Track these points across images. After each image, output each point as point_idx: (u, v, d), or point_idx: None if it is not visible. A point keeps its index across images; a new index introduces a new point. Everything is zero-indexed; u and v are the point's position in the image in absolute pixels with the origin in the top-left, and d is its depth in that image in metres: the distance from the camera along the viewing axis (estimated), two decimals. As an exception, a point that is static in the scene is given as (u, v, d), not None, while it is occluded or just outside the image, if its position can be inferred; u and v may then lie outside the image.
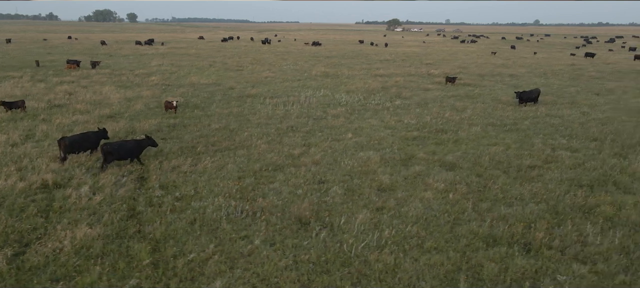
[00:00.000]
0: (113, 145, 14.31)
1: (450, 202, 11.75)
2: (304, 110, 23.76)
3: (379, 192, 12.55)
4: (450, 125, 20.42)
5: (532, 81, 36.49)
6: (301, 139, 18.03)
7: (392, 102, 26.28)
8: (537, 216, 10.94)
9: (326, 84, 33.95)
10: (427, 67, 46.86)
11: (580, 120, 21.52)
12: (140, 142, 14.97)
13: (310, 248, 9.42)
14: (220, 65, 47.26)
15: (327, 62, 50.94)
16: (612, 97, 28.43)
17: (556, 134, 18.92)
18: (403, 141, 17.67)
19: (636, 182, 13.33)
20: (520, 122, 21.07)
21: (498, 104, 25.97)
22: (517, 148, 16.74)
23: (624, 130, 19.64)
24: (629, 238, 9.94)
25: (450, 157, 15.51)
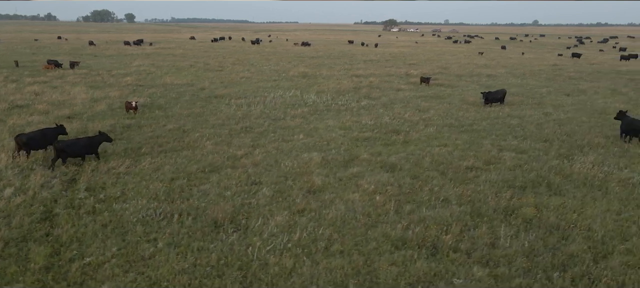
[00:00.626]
0: (65, 143, 14.44)
1: (375, 204, 11.65)
2: (266, 110, 23.66)
3: (307, 193, 12.44)
4: (406, 125, 20.31)
5: (508, 82, 36.40)
6: (251, 140, 17.93)
7: (359, 103, 26.18)
8: (456, 218, 10.83)
9: (300, 84, 33.85)
10: (409, 68, 46.78)
11: (540, 121, 21.41)
12: (93, 138, 15.14)
13: (214, 252, 9.30)
14: (202, 65, 47.16)
15: (309, 63, 50.85)
16: (581, 98, 28.34)
17: (509, 134, 18.81)
18: (353, 142, 17.56)
19: (569, 183, 13.22)
20: (478, 123, 20.96)
21: (464, 104, 25.87)
22: (464, 149, 16.63)
23: (579, 130, 19.54)
24: (540, 241, 9.84)
25: (394, 158, 15.40)
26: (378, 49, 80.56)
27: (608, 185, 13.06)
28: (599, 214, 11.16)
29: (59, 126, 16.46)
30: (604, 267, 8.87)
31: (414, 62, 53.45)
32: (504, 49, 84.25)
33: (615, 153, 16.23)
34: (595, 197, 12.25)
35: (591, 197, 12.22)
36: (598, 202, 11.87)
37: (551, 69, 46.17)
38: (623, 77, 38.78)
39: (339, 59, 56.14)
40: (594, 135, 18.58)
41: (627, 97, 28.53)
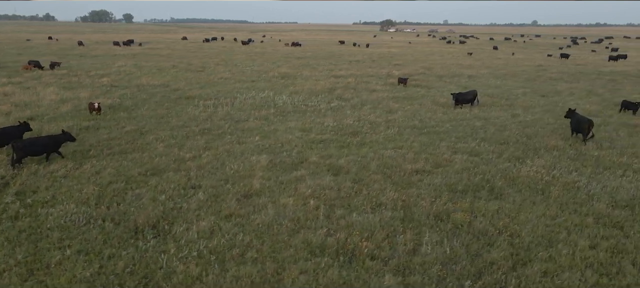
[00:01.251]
0: (24, 142, 14.28)
1: (307, 209, 11.40)
2: (232, 112, 23.41)
3: (242, 198, 12.20)
4: (368, 127, 20.06)
5: (488, 82, 36.15)
6: (205, 142, 17.68)
7: (329, 104, 25.93)
8: (384, 224, 10.59)
9: (276, 85, 33.60)
10: (393, 68, 46.56)
11: (504, 123, 21.16)
12: (56, 137, 15.19)
13: (123, 259, 9.05)
14: (185, 66, 46.92)
15: (294, 63, 50.62)
16: (555, 99, 28.08)
17: (469, 137, 18.56)
18: (307, 144, 17.31)
19: (512, 187, 12.98)
20: (441, 125, 20.71)
21: (435, 105, 25.62)
22: (418, 151, 16.38)
23: (542, 133, 19.30)
24: (464, 248, 9.59)
25: (342, 161, 15.15)
26: (368, 49, 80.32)
27: (551, 189, 12.80)
28: (533, 219, 10.91)
29: (23, 123, 16.45)
30: (520, 275, 8.62)
31: (399, 62, 53.21)
32: (495, 49, 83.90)
33: (570, 156, 15.98)
34: (535, 201, 12.00)
35: (530, 202, 11.97)
36: (536, 207, 11.62)
37: (535, 69, 45.94)
38: (603, 78, 38.54)
39: (324, 60, 55.90)
40: (554, 138, 18.34)
41: (601, 99, 28.28)
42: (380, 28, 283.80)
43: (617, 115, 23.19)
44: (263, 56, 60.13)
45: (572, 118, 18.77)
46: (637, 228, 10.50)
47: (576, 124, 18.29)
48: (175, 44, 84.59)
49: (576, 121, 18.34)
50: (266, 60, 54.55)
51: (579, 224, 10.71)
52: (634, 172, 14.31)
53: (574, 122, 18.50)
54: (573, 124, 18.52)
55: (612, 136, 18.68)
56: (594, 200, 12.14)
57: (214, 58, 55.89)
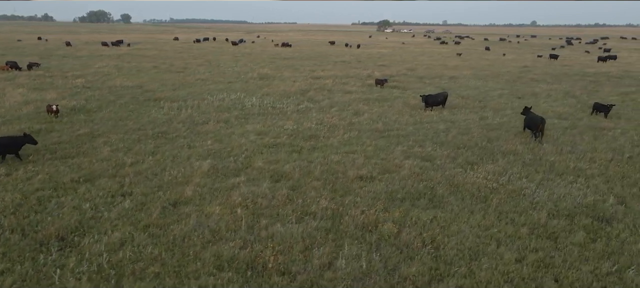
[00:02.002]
0: None
1: (231, 219, 10.87)
2: (194, 114, 22.89)
3: (169, 206, 11.68)
4: (327, 130, 19.54)
5: (468, 83, 35.62)
6: (154, 146, 17.15)
7: (297, 106, 25.40)
8: (307, 235, 10.06)
9: (252, 86, 33.09)
10: (377, 69, 46.05)
11: (469, 126, 20.64)
12: (16, 139, 15.07)
13: (13, 275, 8.52)
14: (166, 66, 46.42)
15: (278, 64, 50.11)
16: (530, 101, 27.56)
17: (428, 140, 18.03)
18: (258, 149, 16.78)
19: (455, 194, 12.45)
20: (404, 128, 20.19)
21: (405, 107, 25.10)
22: (370, 156, 15.86)
23: (504, 136, 18.77)
24: (383, 262, 9.06)
25: (287, 167, 14.63)
26: (359, 50, 79.81)
27: (495, 196, 12.26)
28: (465, 230, 10.39)
29: None
30: (431, 293, 8.08)
31: (385, 63, 52.70)
32: (487, 50, 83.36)
33: (526, 161, 15.45)
34: (473, 210, 11.47)
35: (469, 211, 11.44)
36: (472, 216, 11.10)
37: (519, 70, 45.41)
38: (586, 80, 38.01)
39: (310, 60, 55.39)
40: (515, 142, 17.81)
41: (577, 100, 27.75)
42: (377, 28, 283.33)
43: (588, 117, 22.66)
44: (249, 57, 59.63)
45: (526, 116, 19.23)
46: (571, 240, 9.97)
47: (529, 122, 18.66)
48: (165, 45, 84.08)
49: (529, 119, 18.72)
50: (251, 60, 54.05)
51: (512, 235, 10.19)
52: (586, 178, 13.77)
53: (527, 119, 18.90)
54: (526, 122, 18.94)
55: (575, 140, 18.16)
56: (536, 208, 11.62)
57: (198, 59, 55.39)
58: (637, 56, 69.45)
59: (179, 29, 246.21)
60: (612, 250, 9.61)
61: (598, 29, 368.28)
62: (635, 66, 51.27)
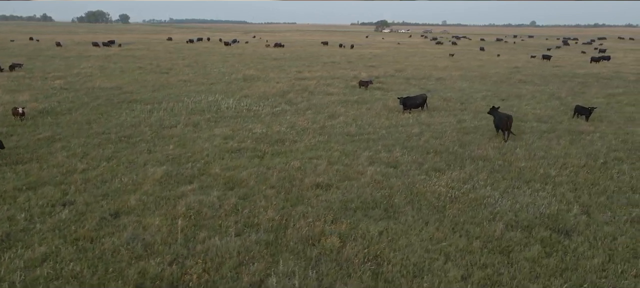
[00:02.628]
0: None
1: (170, 231, 10.26)
2: (165, 117, 22.30)
3: (109, 217, 11.08)
4: (296, 134, 18.94)
5: (454, 85, 35.03)
6: (114, 151, 16.56)
7: (273, 108, 24.82)
8: (243, 250, 9.45)
9: (233, 87, 32.51)
10: (366, 69, 45.48)
11: (445, 130, 20.04)
12: None
13: None
14: (152, 67, 45.88)
15: (266, 64, 49.57)
16: (513, 103, 26.96)
17: (398, 145, 17.43)
18: (219, 154, 16.19)
19: (413, 204, 11.84)
20: (377, 131, 19.59)
21: (384, 110, 24.50)
22: (334, 162, 15.27)
23: (478, 141, 18.19)
24: (317, 280, 8.48)
25: (245, 174, 14.03)
26: (352, 50, 79.23)
27: (454, 206, 11.65)
28: (416, 243, 9.78)
29: None
30: (360, 316, 7.46)
31: (374, 64, 52.11)
32: (482, 51, 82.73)
33: (494, 167, 14.85)
34: (429, 221, 10.86)
35: (423, 221, 10.83)
36: (426, 228, 10.49)
37: (509, 71, 44.82)
38: (575, 81, 37.41)
39: (299, 61, 54.82)
40: (488, 146, 17.23)
41: (561, 102, 27.15)
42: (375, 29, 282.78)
43: (569, 120, 22.06)
44: (239, 57, 59.07)
45: (495, 116, 19.09)
46: (524, 254, 9.36)
47: (498, 121, 18.65)
48: (158, 45, 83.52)
49: (498, 118, 18.66)
50: (239, 61, 53.49)
51: (463, 249, 9.58)
52: (554, 186, 13.17)
53: (496, 119, 18.84)
54: (496, 122, 18.88)
55: (550, 145, 17.54)
56: (495, 219, 11.02)
57: (187, 59, 54.83)
58: (631, 57, 68.87)
59: (177, 29, 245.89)
60: (567, 266, 9.01)
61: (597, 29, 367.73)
62: (627, 67, 50.68)
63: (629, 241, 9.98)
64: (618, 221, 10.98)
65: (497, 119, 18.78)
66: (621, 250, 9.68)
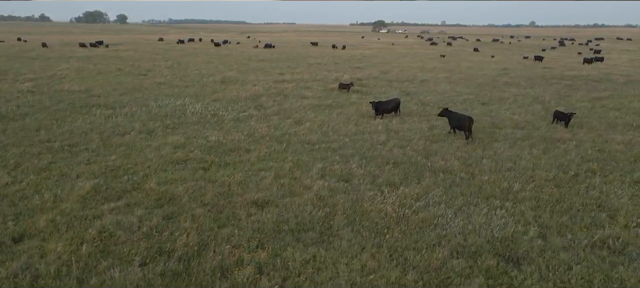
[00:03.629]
0: None
1: (71, 259, 9.09)
2: (122, 123, 21.15)
3: (10, 241, 9.92)
4: (253, 143, 17.80)
5: (437, 88, 33.87)
6: (50, 161, 15.41)
7: (239, 113, 23.67)
8: (146, 283, 8.26)
9: (206, 91, 31.36)
10: (351, 71, 44.37)
11: (413, 137, 18.89)
12: None
13: None
14: (131, 68, 44.73)
15: (249, 66, 48.45)
16: (493, 108, 25.80)
17: (357, 155, 16.27)
18: (163, 166, 15.03)
19: (353, 226, 10.66)
20: (340, 139, 18.43)
21: (356, 115, 23.33)
22: (281, 175, 14.13)
23: (445, 150, 17.00)
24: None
25: (181, 189, 12.88)
26: (344, 51, 78.06)
27: (398, 227, 10.48)
28: (343, 275, 8.66)
29: None
30: None
31: (361, 65, 50.96)
32: (476, 51, 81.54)
33: (454, 181, 13.69)
34: (366, 246, 9.71)
35: (359, 247, 9.69)
36: (361, 255, 9.39)
37: (497, 73, 43.64)
38: (562, 83, 36.24)
39: (285, 62, 53.67)
40: (453, 157, 16.06)
41: (543, 107, 25.98)
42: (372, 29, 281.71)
43: (547, 127, 20.89)
44: (224, 58, 57.92)
45: (450, 116, 19.09)
46: (462, 290, 8.16)
47: (457, 122, 18.54)
48: (147, 45, 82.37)
49: (457, 119, 18.58)
50: (223, 62, 52.33)
51: (394, 282, 8.42)
52: (514, 203, 12.00)
53: (454, 121, 18.74)
54: (454, 122, 18.75)
55: (521, 154, 16.38)
56: (441, 244, 9.86)
57: (170, 61, 53.68)
58: (625, 58, 67.72)
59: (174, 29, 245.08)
60: (508, 305, 7.82)
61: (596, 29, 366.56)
62: (619, 68, 49.54)
63: (585, 271, 8.82)
64: (577, 246, 9.82)
65: (455, 119, 18.67)
66: (575, 282, 8.51)
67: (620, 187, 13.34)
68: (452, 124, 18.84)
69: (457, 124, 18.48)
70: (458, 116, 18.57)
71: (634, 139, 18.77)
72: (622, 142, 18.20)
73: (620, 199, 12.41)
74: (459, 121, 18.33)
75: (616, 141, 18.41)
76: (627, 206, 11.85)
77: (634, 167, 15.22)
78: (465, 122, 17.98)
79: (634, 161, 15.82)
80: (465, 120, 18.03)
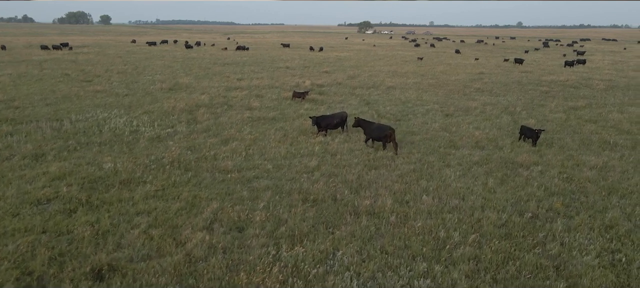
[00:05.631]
0: None
1: None
2: (17, 143, 17.82)
3: None
4: (154, 171, 14.65)
5: (403, 96, 30.97)
6: None
7: (163, 130, 20.50)
8: None
9: (145, 100, 28.15)
10: (320, 76, 41.33)
11: (350, 161, 15.95)
12: None
13: None
14: (79, 74, 41.29)
15: (209, 71, 45.24)
16: (456, 121, 22.88)
17: (270, 190, 13.22)
18: (16, 207, 11.77)
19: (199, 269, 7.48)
20: (262, 165, 15.37)
21: (294, 132, 20.22)
22: (157, 224, 10.98)
23: (382, 180, 13.94)
24: None
25: (11, 248, 9.58)
26: (320, 53, 75.05)
27: None
28: None
29: None
30: None
31: (330, 69, 47.96)
32: (457, 53, 79.03)
33: (379, 231, 10.67)
34: None
35: None
36: None
37: (471, 78, 40.90)
38: (538, 90, 33.54)
39: (251, 66, 50.50)
40: (390, 191, 12.99)
41: (512, 118, 23.16)
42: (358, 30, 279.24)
43: (512, 145, 18.01)
44: (189, 62, 54.62)
45: (365, 127, 17.73)
46: None
47: (376, 133, 17.09)
48: (113, 48, 78.64)
49: (377, 129, 17.13)
50: (184, 66, 49.03)
51: None
52: (447, 267, 9.02)
53: (375, 132, 17.20)
54: (374, 135, 17.23)
55: (474, 186, 13.45)
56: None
57: (128, 65, 50.25)
58: (609, 60, 65.62)
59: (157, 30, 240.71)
60: None
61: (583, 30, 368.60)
62: (601, 72, 47.15)
63: None
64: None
65: (375, 131, 17.08)
66: None
67: (588, 236, 10.41)
68: (369, 134, 17.32)
69: (375, 135, 17.07)
70: (375, 127, 17.08)
71: (609, 162, 15.92)
72: (596, 167, 15.34)
73: (585, 257, 9.46)
74: (377, 132, 16.91)
75: (589, 165, 15.55)
76: (593, 271, 8.87)
77: (607, 203, 12.31)
78: (385, 132, 16.65)
79: (608, 195, 12.92)
80: (385, 130, 16.68)
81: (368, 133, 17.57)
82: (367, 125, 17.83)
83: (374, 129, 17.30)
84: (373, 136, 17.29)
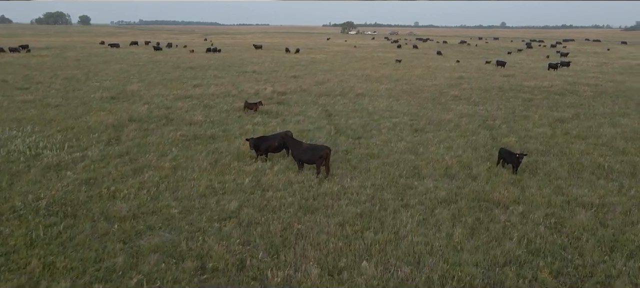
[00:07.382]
0: None
1: None
2: None
3: None
4: (24, 218, 10.89)
5: (372, 104, 27.75)
6: None
7: (72, 154, 16.77)
8: None
9: (71, 113, 24.54)
10: (287, 81, 37.90)
11: (284, 200, 12.48)
12: None
13: None
14: (17, 81, 37.48)
15: (165, 76, 41.55)
16: (427, 138, 19.58)
17: (157, 253, 9.53)
18: None
19: None
20: (165, 210, 11.76)
21: (230, 156, 16.67)
22: None
23: (309, 236, 10.45)
24: None
25: None
26: (295, 55, 71.63)
27: None
28: None
29: None
30: None
31: (299, 74, 44.54)
32: (439, 55, 76.32)
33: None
34: None
35: None
36: None
37: (449, 83, 37.83)
38: (520, 97, 30.53)
39: (213, 70, 46.89)
40: (320, 252, 9.53)
41: (490, 135, 19.96)
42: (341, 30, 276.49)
43: (488, 172, 14.75)
44: (150, 65, 50.78)
45: (293, 147, 14.72)
46: None
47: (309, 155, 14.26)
48: (75, 50, 74.11)
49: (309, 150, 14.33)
50: (141, 71, 45.21)
51: None
52: None
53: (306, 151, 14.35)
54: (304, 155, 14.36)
55: (434, 240, 10.05)
56: None
57: (81, 69, 46.28)
58: (593, 61, 63.41)
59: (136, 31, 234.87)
60: None
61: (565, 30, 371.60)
62: (586, 75, 44.56)
63: None
64: None
65: (307, 151, 14.21)
66: None
67: (588, 332, 7.03)
68: (297, 157, 14.54)
69: (307, 158, 14.29)
70: (305, 147, 14.30)
71: (606, 197, 12.73)
72: (591, 206, 12.13)
73: None
74: (310, 154, 14.13)
75: (582, 202, 12.33)
76: None
77: (610, 267, 9.03)
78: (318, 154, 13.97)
79: (610, 252, 9.63)
80: (319, 151, 14.00)
81: (296, 155, 14.59)
82: (296, 146, 14.68)
83: (304, 150, 14.36)
84: (303, 159, 14.43)
